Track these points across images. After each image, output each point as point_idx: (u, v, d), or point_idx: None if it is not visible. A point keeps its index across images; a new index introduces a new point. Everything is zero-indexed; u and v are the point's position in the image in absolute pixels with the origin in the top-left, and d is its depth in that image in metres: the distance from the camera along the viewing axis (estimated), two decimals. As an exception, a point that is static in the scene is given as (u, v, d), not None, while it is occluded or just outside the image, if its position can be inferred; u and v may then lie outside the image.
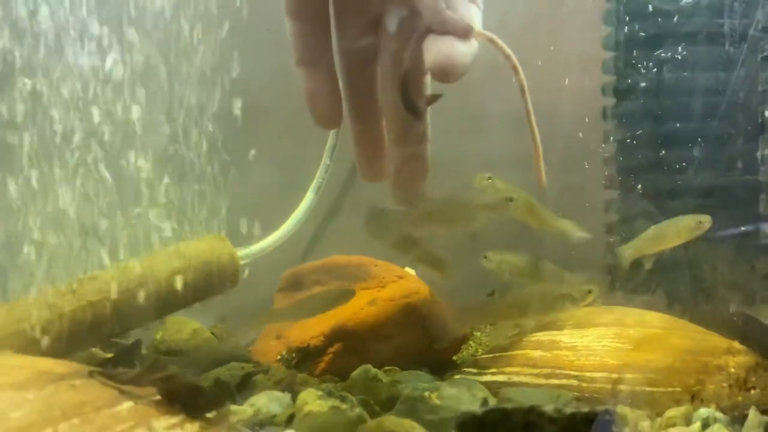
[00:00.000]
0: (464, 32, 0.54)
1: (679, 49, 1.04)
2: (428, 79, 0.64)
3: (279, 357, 0.96)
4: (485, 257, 1.02)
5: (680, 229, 0.96)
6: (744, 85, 1.00)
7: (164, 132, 0.96)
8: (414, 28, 0.59)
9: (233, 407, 0.74)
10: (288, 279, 1.10)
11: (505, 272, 1.00)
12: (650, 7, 1.07)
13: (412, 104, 0.60)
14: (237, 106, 0.95)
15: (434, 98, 0.62)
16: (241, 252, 1.04)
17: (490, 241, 1.00)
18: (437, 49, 0.54)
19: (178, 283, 0.93)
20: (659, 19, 1.06)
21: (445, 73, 0.53)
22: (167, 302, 0.94)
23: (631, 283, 1.01)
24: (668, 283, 1.01)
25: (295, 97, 0.64)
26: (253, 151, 1.01)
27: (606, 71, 1.13)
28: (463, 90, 0.61)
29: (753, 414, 0.76)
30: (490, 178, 0.95)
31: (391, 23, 0.61)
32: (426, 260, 0.82)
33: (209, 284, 0.97)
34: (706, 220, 0.94)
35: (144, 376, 0.64)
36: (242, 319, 1.03)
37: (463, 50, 0.53)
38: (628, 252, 0.99)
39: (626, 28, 1.09)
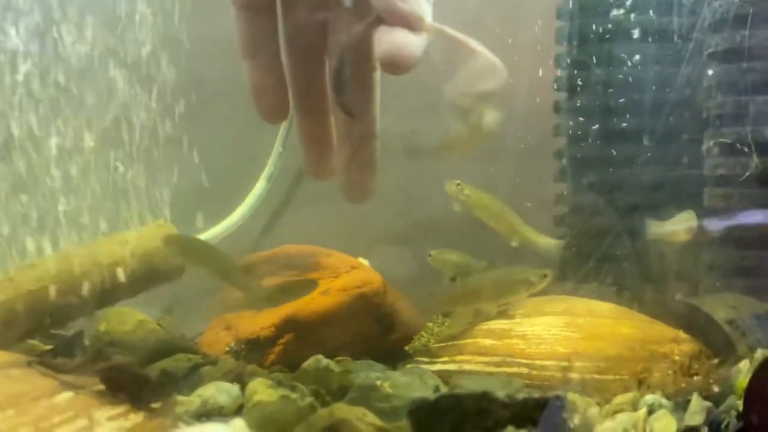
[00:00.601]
0: (416, 24, 0.53)
1: (629, 45, 1.06)
2: (378, 75, 0.64)
3: (228, 348, 0.94)
4: (429, 255, 1.03)
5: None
6: (690, 81, 1.02)
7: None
8: (364, 19, 0.58)
9: (179, 398, 0.72)
10: (238, 269, 1.07)
11: (447, 272, 1.01)
12: (601, 3, 1.08)
13: (344, 104, 0.58)
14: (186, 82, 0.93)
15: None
16: (189, 241, 1.01)
17: (446, 231, 1.00)
18: (388, 40, 0.53)
19: (122, 272, 0.91)
20: (610, 15, 1.07)
21: (396, 65, 0.53)
22: (110, 292, 0.91)
23: (580, 273, 1.03)
24: (617, 273, 1.02)
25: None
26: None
27: (558, 65, 1.15)
28: (422, 74, 0.61)
29: (695, 400, 0.78)
30: (459, 185, 0.94)
31: (340, 14, 0.60)
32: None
33: (154, 273, 0.95)
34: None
35: (87, 366, 0.62)
36: (203, 307, 1.01)
37: (414, 42, 0.53)
38: (658, 230, 1.01)
39: (578, 23, 1.10)
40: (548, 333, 0.86)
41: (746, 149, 0.98)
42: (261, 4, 0.60)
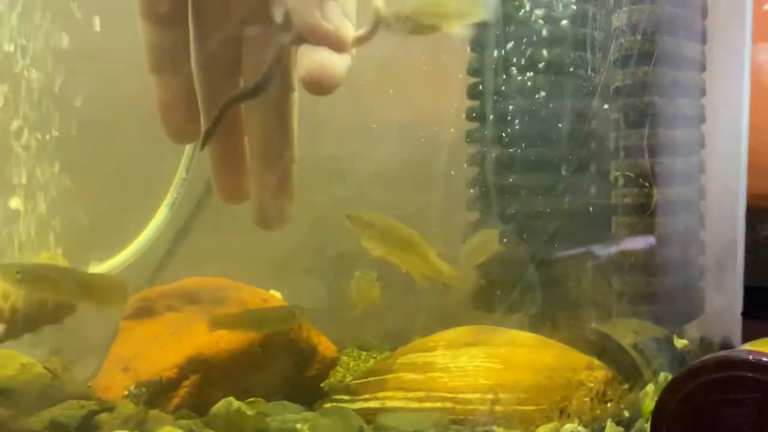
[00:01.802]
0: (339, 44, 0.52)
1: (540, 77, 1.09)
2: (296, 96, 0.61)
3: (126, 392, 0.86)
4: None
5: None
6: (599, 113, 1.06)
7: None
8: (284, 37, 0.56)
9: (74, 453, 0.65)
10: (136, 305, 0.99)
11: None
12: (512, 35, 1.10)
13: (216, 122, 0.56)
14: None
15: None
16: (82, 274, 0.92)
17: (361, 261, 0.98)
18: (310, 59, 0.51)
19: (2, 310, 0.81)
20: (521, 48, 1.10)
21: (319, 85, 0.51)
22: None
23: (499, 303, 1.03)
24: (535, 302, 1.03)
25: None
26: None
27: (470, 96, 1.16)
28: (351, 96, 0.59)
29: (609, 426, 0.81)
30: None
31: (258, 30, 0.57)
32: None
33: (42, 311, 0.86)
34: None
35: (-38, 422, 0.54)
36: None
37: (338, 62, 0.51)
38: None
39: (489, 54, 1.12)
40: (470, 365, 0.85)
41: (647, 182, 1.02)
42: (172, 18, 0.56)
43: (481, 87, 1.13)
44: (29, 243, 0.92)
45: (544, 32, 1.06)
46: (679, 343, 1.08)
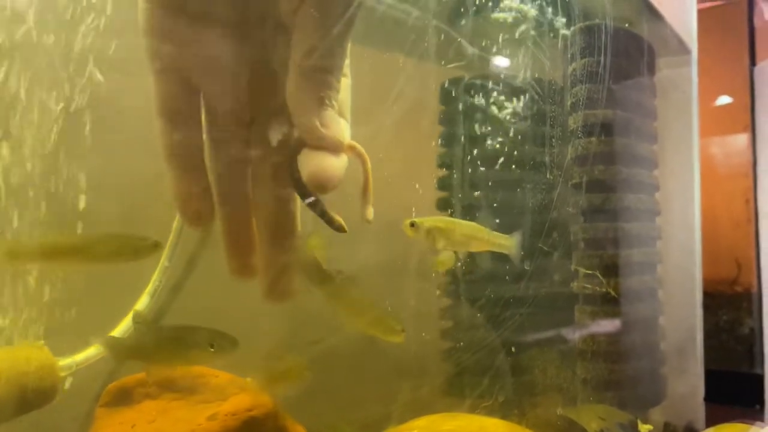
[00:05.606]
0: (337, 148, 0.58)
1: (507, 171, 1.16)
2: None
3: (100, 483, 0.85)
4: None
5: None
6: (558, 206, 1.13)
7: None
8: (287, 136, 0.62)
9: None
10: (113, 392, 0.99)
11: None
12: (479, 134, 1.18)
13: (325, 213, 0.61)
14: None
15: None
16: (63, 362, 0.93)
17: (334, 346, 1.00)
18: (313, 162, 0.57)
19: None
20: (487, 147, 1.17)
21: (322, 185, 0.57)
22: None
23: (469, 388, 1.05)
24: (505, 389, 1.06)
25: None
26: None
27: (440, 188, 1.22)
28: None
29: None
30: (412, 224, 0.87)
31: (266, 132, 0.63)
32: None
33: (23, 400, 0.86)
34: None
35: None
36: None
37: (336, 164, 0.57)
38: None
39: (458, 150, 1.19)
40: (442, 452, 0.87)
41: (602, 274, 1.08)
42: (187, 116, 0.62)
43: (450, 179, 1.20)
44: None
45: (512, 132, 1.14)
46: (644, 428, 1.11)
